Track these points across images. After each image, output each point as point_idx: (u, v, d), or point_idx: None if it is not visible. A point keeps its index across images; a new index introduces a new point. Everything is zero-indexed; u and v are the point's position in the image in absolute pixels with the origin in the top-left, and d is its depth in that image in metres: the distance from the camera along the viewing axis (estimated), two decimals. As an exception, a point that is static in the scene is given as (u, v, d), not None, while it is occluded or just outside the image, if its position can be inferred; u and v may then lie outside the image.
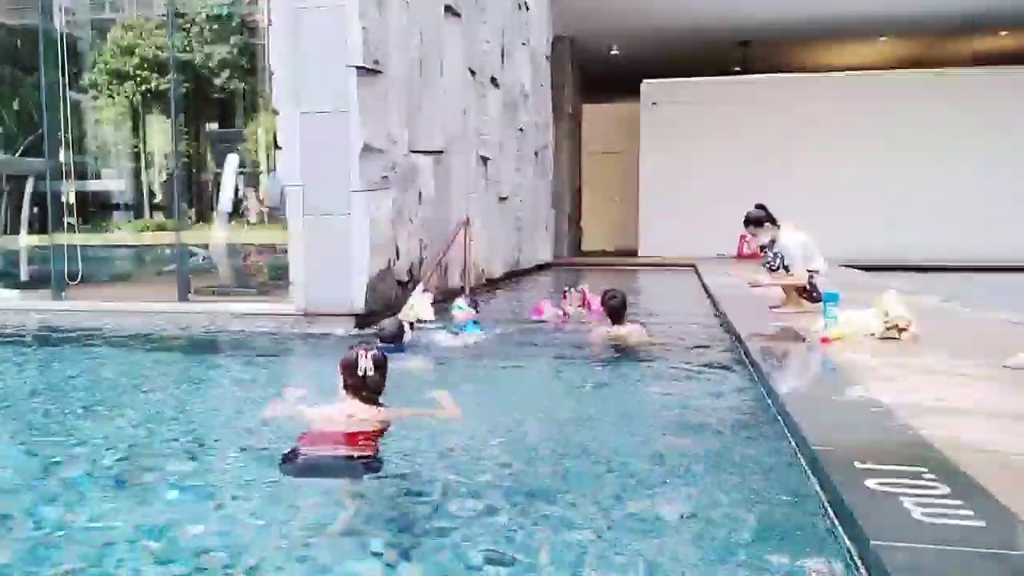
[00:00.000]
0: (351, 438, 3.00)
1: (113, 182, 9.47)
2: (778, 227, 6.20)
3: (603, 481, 2.69)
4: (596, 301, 6.36)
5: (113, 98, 8.74)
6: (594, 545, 2.17)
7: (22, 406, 4.03)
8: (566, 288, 6.83)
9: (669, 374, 4.45)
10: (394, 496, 2.58)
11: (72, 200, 8.20)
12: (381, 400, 3.19)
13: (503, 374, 4.71)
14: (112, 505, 2.52)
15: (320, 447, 2.96)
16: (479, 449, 3.04)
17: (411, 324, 5.41)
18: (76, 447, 3.17)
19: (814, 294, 5.81)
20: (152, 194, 9.50)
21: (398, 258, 6.73)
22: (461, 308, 5.72)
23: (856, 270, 10.31)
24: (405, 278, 6.84)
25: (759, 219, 6.22)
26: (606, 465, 2.86)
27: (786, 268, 6.09)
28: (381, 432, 3.06)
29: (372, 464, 2.83)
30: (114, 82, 8.68)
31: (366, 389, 3.12)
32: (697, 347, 5.39)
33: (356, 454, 2.91)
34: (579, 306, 6.46)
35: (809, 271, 6.07)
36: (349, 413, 3.10)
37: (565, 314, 6.43)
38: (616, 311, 5.45)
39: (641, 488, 2.62)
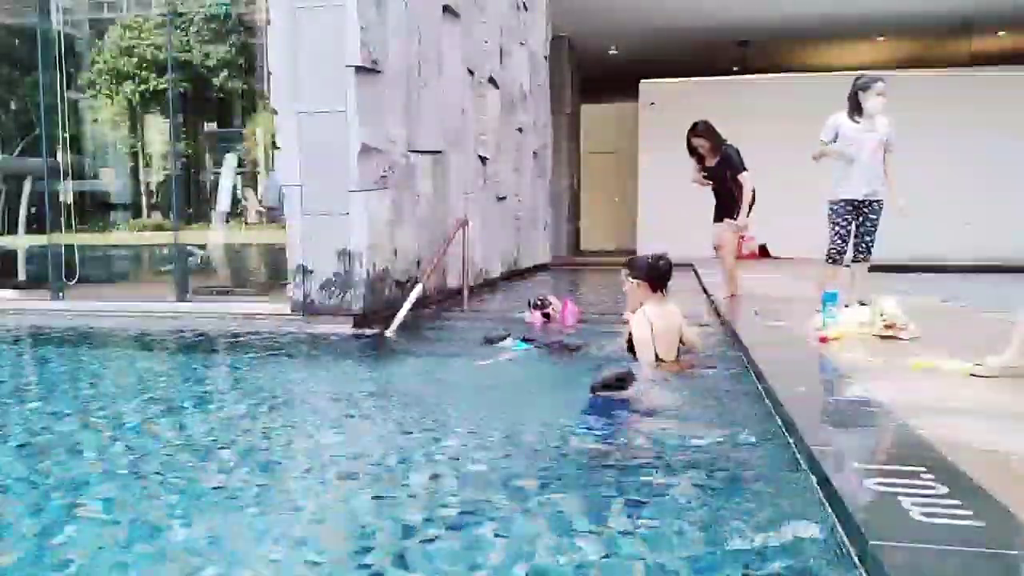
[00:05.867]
0: None
1: (111, 182, 9.47)
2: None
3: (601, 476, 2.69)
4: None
5: (111, 98, 8.75)
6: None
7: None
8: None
9: (666, 372, 4.42)
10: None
11: (70, 200, 8.20)
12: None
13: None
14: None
15: None
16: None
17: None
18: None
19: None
20: (150, 194, 9.51)
21: (396, 258, 6.72)
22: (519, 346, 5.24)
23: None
24: (403, 278, 6.83)
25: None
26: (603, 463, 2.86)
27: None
28: None
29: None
30: (112, 82, 8.68)
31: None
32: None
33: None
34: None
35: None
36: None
37: (547, 318, 6.41)
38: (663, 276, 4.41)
39: (642, 483, 2.61)
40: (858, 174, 5.97)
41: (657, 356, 4.35)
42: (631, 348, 4.39)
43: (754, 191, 7.16)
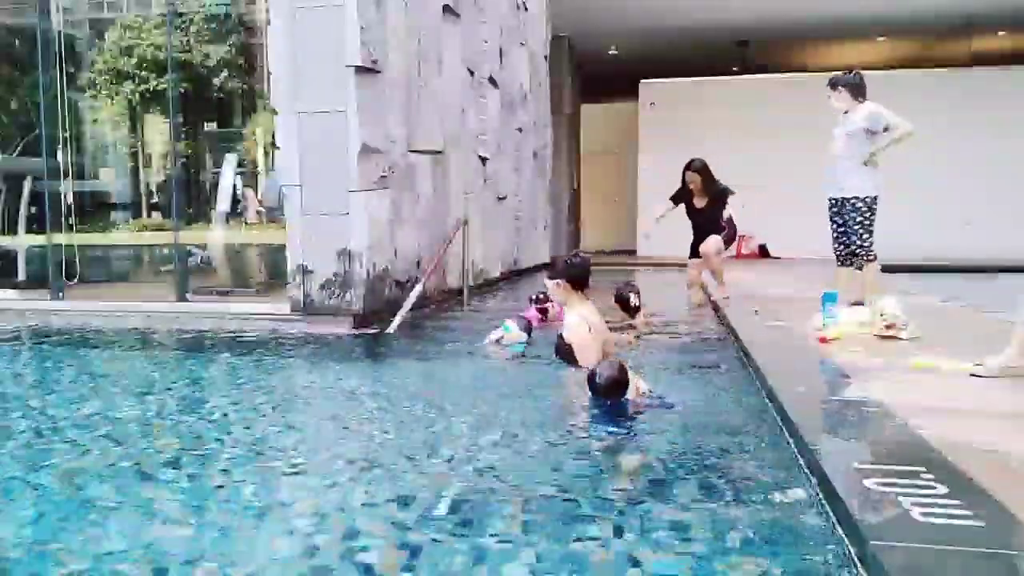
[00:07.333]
0: None
1: (111, 182, 9.47)
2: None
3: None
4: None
5: (111, 98, 8.75)
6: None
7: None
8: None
9: (668, 372, 4.43)
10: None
11: (70, 200, 8.20)
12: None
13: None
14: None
15: None
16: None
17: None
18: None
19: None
20: (150, 194, 9.51)
21: (396, 258, 6.72)
22: (509, 329, 5.30)
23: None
24: (403, 278, 6.83)
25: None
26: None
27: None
28: None
29: None
30: (112, 82, 8.68)
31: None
32: (696, 347, 5.38)
33: None
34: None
35: None
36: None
37: (544, 314, 6.41)
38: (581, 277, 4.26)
39: (641, 483, 2.61)
40: (827, 174, 6.05)
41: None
42: (563, 355, 4.07)
43: (734, 222, 7.37)
